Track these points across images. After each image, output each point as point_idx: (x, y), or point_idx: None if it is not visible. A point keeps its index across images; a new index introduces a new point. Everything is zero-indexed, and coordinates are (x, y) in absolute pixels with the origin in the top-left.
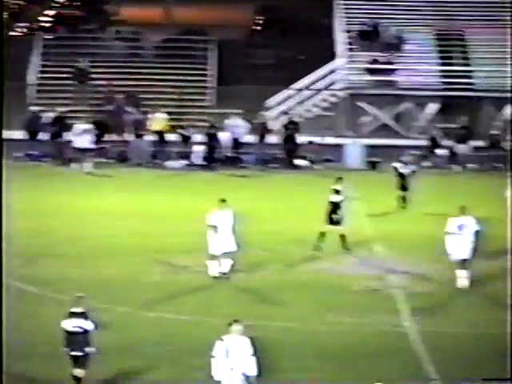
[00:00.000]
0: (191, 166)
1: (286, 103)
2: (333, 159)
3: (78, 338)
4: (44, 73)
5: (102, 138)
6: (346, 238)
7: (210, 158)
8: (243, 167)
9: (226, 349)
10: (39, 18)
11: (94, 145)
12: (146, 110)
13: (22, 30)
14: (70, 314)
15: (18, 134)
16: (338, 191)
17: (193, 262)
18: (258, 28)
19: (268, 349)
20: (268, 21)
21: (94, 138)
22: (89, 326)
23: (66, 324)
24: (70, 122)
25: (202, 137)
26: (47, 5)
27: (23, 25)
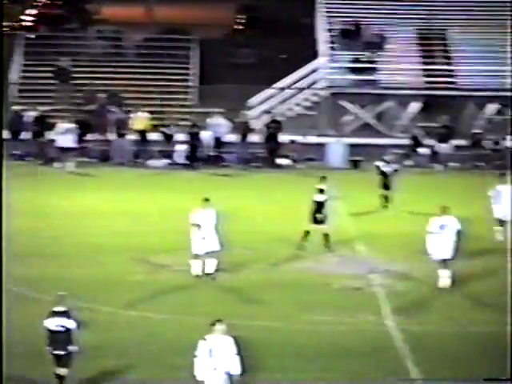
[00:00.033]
0: (173, 165)
1: (268, 102)
2: (315, 158)
3: (60, 337)
4: (26, 72)
5: (84, 137)
6: (330, 238)
7: (192, 157)
8: (225, 166)
9: (209, 348)
10: (21, 17)
11: (76, 144)
12: (128, 109)
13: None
14: (52, 313)
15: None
16: (321, 190)
17: (175, 261)
18: (239, 27)
19: (251, 348)
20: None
21: (76, 137)
22: (71, 324)
23: (48, 323)
24: (52, 121)
25: (184, 136)
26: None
27: (5, 24)
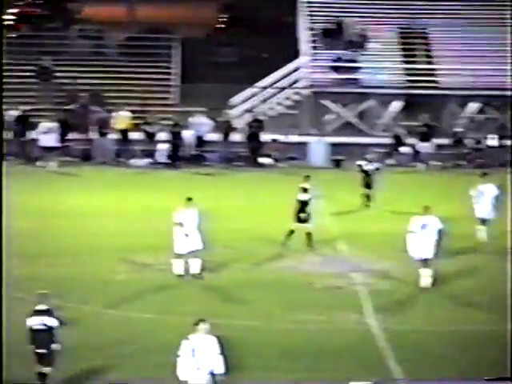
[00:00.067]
0: (155, 164)
1: (250, 101)
2: (297, 157)
3: (42, 336)
4: (7, 71)
5: (66, 136)
6: (312, 237)
7: (174, 156)
8: (207, 165)
9: (193, 348)
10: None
11: (59, 143)
12: (109, 109)
13: None
14: (34, 312)
15: None
16: (305, 189)
17: (158, 260)
18: (221, 26)
19: (233, 347)
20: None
21: (59, 136)
22: (53, 323)
23: (30, 322)
24: (34, 121)
25: (166, 135)
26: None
27: None
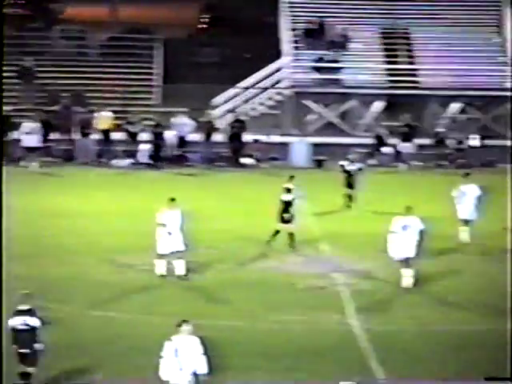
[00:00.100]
0: (137, 164)
1: (232, 102)
2: (279, 157)
3: (25, 336)
4: None
5: (48, 136)
6: (294, 237)
7: (156, 157)
8: (189, 166)
9: (175, 349)
10: None
11: (41, 144)
12: (92, 109)
13: None
14: (16, 312)
15: None
16: (289, 190)
17: (140, 260)
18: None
19: (216, 347)
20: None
21: (41, 136)
22: (35, 322)
23: (12, 322)
24: (16, 121)
25: (147, 135)
26: None
27: None
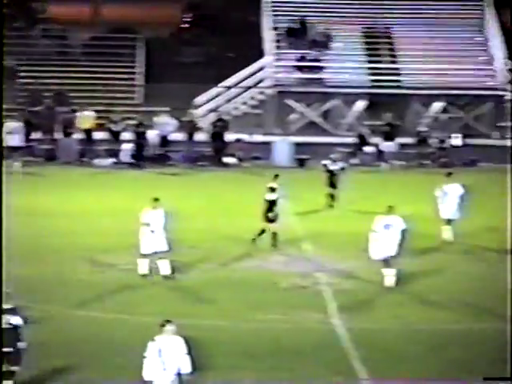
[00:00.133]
0: (119, 164)
1: (215, 101)
2: (261, 157)
3: (8, 334)
4: None
5: (30, 136)
6: (277, 236)
7: (139, 156)
8: (172, 165)
9: (159, 349)
10: None
11: (23, 143)
12: (74, 108)
13: None
14: None
15: None
16: (273, 189)
17: (122, 260)
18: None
19: (199, 347)
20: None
21: (23, 136)
22: (18, 321)
23: None
24: None
25: (130, 135)
26: None
27: None
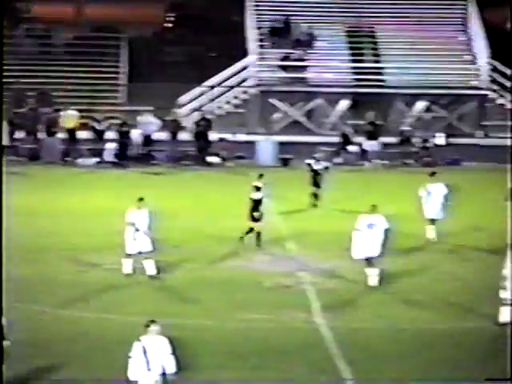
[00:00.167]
0: (103, 163)
1: (198, 100)
2: (245, 156)
3: None
4: None
5: (14, 135)
6: (261, 236)
7: (122, 156)
8: (155, 164)
9: (144, 349)
10: None
11: (8, 143)
12: (57, 108)
13: None
14: None
15: None
16: (258, 188)
17: (107, 259)
18: (169, 25)
19: (184, 347)
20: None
21: (7, 135)
22: (1, 320)
23: None
24: None
25: (113, 134)
26: None
27: None
